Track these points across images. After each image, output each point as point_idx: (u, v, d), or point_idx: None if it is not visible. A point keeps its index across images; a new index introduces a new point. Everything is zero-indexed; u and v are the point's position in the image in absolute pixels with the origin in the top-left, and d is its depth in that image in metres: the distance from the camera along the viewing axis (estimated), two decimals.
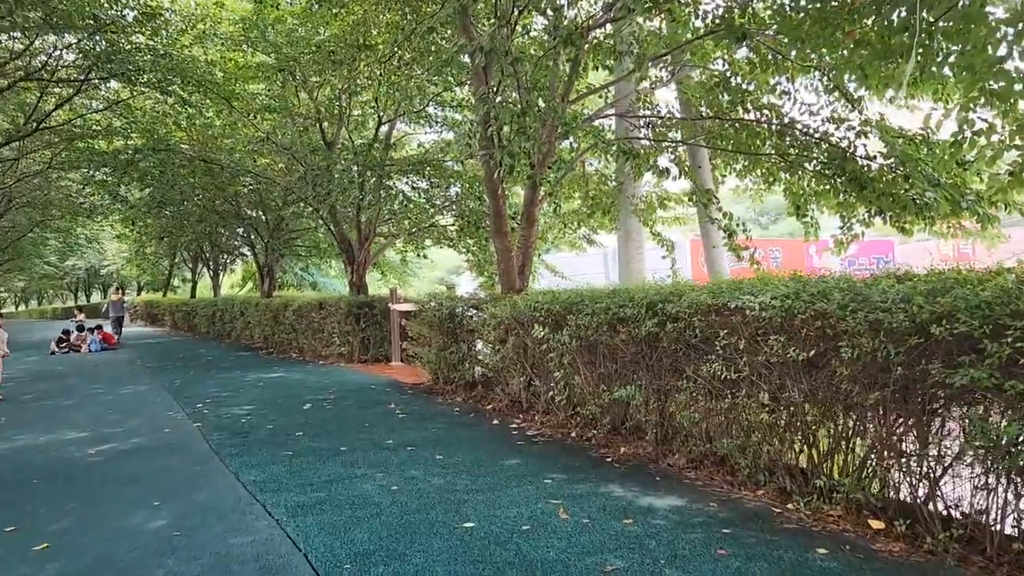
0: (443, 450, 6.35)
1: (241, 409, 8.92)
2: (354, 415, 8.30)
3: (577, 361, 7.00)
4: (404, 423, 7.75)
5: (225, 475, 5.72)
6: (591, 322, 6.56)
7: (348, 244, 16.05)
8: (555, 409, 7.50)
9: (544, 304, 7.39)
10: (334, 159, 13.91)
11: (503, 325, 8.29)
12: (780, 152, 9.17)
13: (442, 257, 28.20)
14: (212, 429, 7.66)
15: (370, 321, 14.42)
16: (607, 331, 6.45)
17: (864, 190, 8.50)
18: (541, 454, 6.16)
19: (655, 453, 5.93)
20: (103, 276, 47.19)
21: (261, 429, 7.57)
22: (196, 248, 28.48)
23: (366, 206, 14.19)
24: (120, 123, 19.14)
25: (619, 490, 4.98)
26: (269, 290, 21.69)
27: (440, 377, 10.32)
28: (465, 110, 15.00)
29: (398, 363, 13.79)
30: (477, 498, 4.86)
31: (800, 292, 4.52)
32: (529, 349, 7.89)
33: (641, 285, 6.59)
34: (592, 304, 6.62)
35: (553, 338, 7.23)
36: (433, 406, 8.86)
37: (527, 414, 8.05)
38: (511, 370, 8.35)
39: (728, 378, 5.05)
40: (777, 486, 4.85)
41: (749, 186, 12.12)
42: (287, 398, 9.71)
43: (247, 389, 10.77)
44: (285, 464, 6.00)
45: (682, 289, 5.77)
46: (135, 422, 8.35)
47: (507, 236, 9.15)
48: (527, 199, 9.27)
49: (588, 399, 6.84)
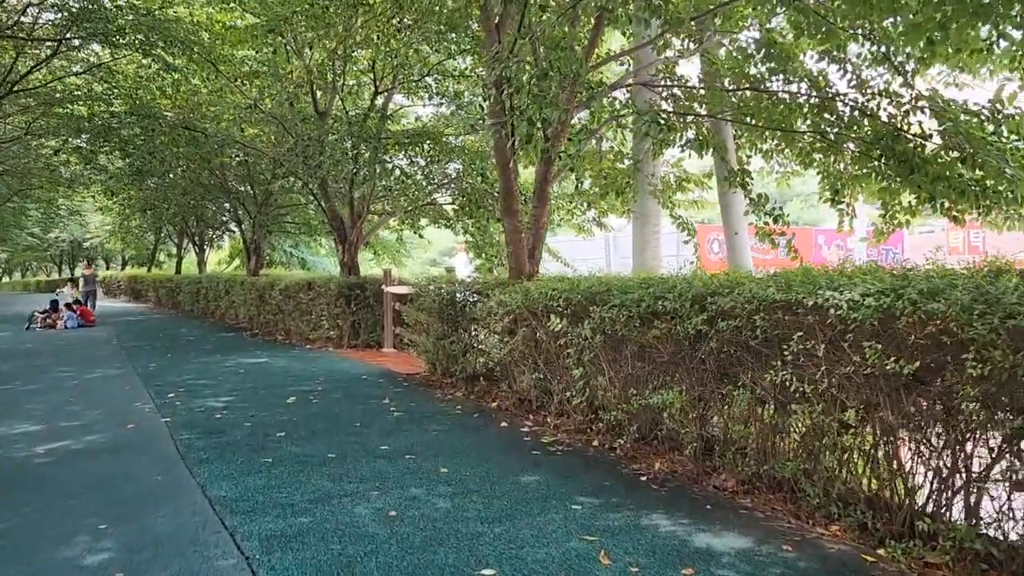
0: (447, 460, 5.48)
1: (217, 401, 8.02)
2: (344, 412, 7.41)
3: (600, 359, 6.13)
4: (401, 423, 6.87)
5: (190, 488, 4.83)
6: (619, 315, 5.69)
7: (340, 221, 15.09)
8: (571, 411, 6.64)
9: (562, 293, 6.51)
10: (327, 129, 12.90)
11: (512, 314, 7.41)
12: (818, 129, 8.29)
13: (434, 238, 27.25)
14: (182, 426, 6.76)
15: (362, 304, 13.51)
16: (639, 326, 5.57)
17: (913, 174, 7.64)
18: (562, 468, 5.29)
19: (696, 471, 5.08)
20: (87, 249, 45.89)
21: (238, 427, 6.67)
22: (181, 222, 27.37)
23: (360, 181, 13.22)
24: (101, 88, 18.10)
25: (665, 522, 4.12)
26: (256, 268, 20.68)
27: (438, 368, 9.44)
28: (468, 81, 14.02)
29: (390, 350, 12.91)
30: (494, 531, 3.99)
31: (902, 289, 3.65)
32: (543, 343, 7.01)
33: (682, 274, 5.70)
34: (621, 294, 5.74)
35: (572, 332, 6.35)
36: (431, 402, 7.98)
37: (538, 415, 7.18)
38: (520, 365, 7.47)
39: (799, 390, 4.18)
40: (855, 521, 4.00)
41: (775, 168, 11.22)
42: (269, 389, 8.81)
43: (226, 376, 9.86)
44: (263, 475, 5.11)
45: (736, 280, 4.89)
46: (97, 414, 7.44)
47: (517, 215, 8.24)
48: (540, 175, 8.35)
49: (613, 403, 5.97)
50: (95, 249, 45.17)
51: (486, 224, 14.64)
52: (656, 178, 10.32)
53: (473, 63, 13.51)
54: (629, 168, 10.54)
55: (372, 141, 12.07)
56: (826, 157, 8.85)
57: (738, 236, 10.85)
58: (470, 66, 13.52)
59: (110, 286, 42.80)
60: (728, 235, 10.97)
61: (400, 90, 15.61)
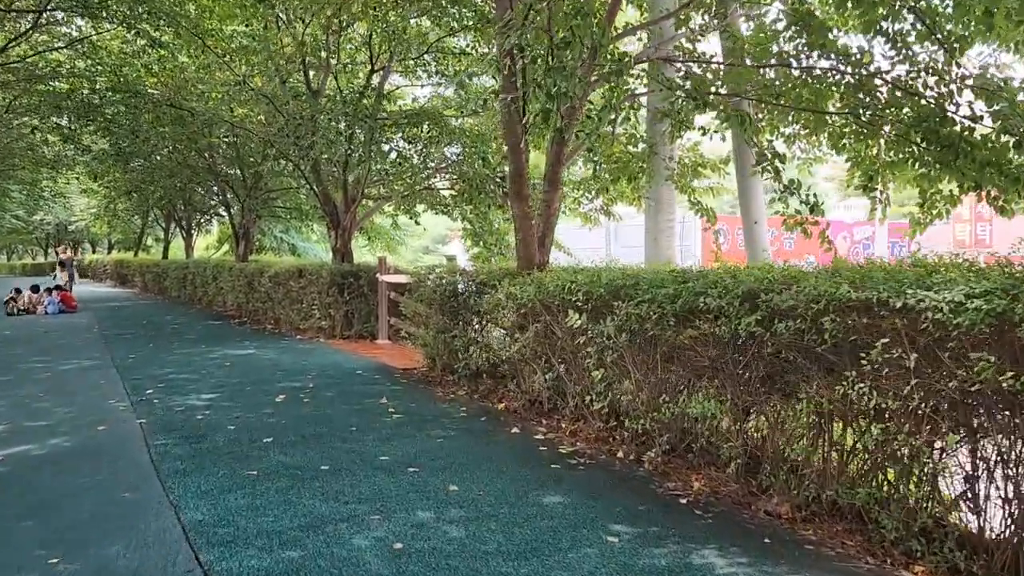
0: (456, 474, 4.84)
1: (199, 399, 7.35)
2: (338, 413, 6.76)
3: (626, 360, 5.50)
4: (401, 427, 6.22)
5: (162, 509, 4.17)
6: (649, 312, 5.05)
7: (332, 206, 14.37)
8: (589, 416, 6.01)
9: (582, 285, 5.86)
10: (319, 108, 12.16)
11: (524, 308, 6.76)
12: (852, 110, 7.65)
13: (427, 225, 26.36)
14: (159, 428, 6.09)
15: (355, 293, 12.82)
16: (673, 325, 4.94)
17: (958, 159, 7.02)
18: (587, 486, 4.66)
19: (741, 492, 4.46)
20: (72, 232, 44.93)
21: (220, 431, 6.01)
22: (168, 206, 26.55)
23: (354, 163, 12.52)
24: (84, 64, 17.28)
25: (720, 561, 3.49)
26: (244, 254, 19.93)
27: (438, 363, 8.80)
28: (470, 60, 13.30)
29: (385, 341, 12.25)
30: (520, 571, 3.35)
31: (1017, 290, 3.03)
32: (558, 340, 6.37)
33: (728, 266, 5.06)
34: (652, 288, 5.10)
35: (593, 329, 5.71)
36: (432, 402, 7.34)
37: (550, 418, 6.55)
38: (531, 364, 6.83)
39: (879, 406, 3.56)
40: (944, 562, 3.39)
41: (796, 154, 10.57)
42: (257, 384, 8.14)
43: (211, 370, 9.18)
44: (246, 492, 4.46)
45: (794, 275, 4.25)
46: (66, 412, 6.76)
47: (527, 200, 7.58)
48: (552, 156, 7.68)
49: (640, 410, 5.35)
50: (80, 232, 44.22)
51: (487, 211, 13.98)
52: (674, 162, 9.67)
53: (474, 40, 12.79)
54: (643, 152, 9.89)
55: (368, 121, 11.35)
56: (858, 141, 8.22)
57: (757, 226, 10.24)
58: (472, 43, 12.79)
59: (96, 270, 41.95)
60: (746, 224, 10.34)
61: (397, 68, 14.89)
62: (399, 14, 11.43)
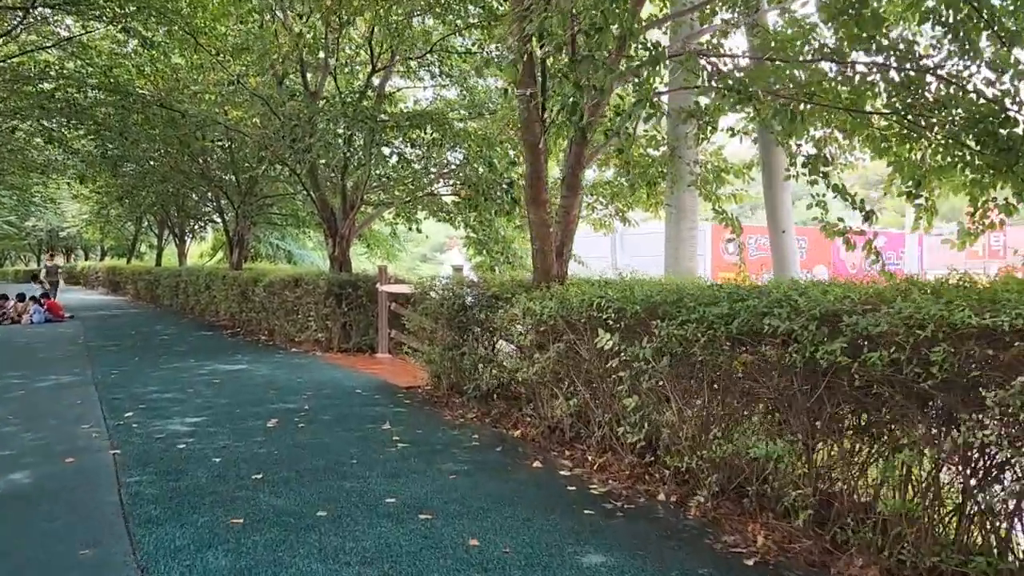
0: (475, 522, 4.15)
1: (183, 423, 6.65)
2: (336, 441, 6.07)
3: (666, 387, 4.82)
4: (407, 459, 5.53)
5: (127, 574, 3.47)
6: (696, 333, 4.38)
7: (330, 213, 13.69)
8: (620, 449, 5.33)
9: (614, 301, 5.19)
10: (317, 109, 11.48)
11: (544, 326, 6.07)
12: (897, 111, 7.00)
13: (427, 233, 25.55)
14: (133, 461, 5.38)
15: (354, 304, 12.13)
16: (727, 349, 4.27)
17: (1019, 163, 6.38)
18: (630, 539, 3.96)
19: (815, 549, 3.77)
20: (65, 239, 44.16)
21: (203, 464, 5.31)
22: (161, 212, 25.82)
23: (354, 167, 11.84)
24: (74, 65, 16.59)
25: None
26: (238, 261, 19.22)
27: (444, 382, 8.11)
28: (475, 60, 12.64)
29: (385, 355, 11.57)
30: None
31: None
32: (584, 362, 5.69)
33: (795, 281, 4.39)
34: (700, 307, 4.43)
35: (627, 351, 5.04)
36: (440, 427, 6.65)
37: (573, 449, 5.87)
38: (552, 387, 6.15)
39: (1012, 460, 2.88)
40: None
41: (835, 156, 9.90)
42: (247, 407, 7.44)
43: (199, 388, 8.47)
44: (229, 548, 3.76)
45: (883, 293, 3.58)
46: (33, 440, 6.06)
47: (546, 206, 6.91)
48: (572, 159, 7.01)
49: (683, 446, 4.67)
50: (73, 239, 43.47)
51: (491, 218, 13.30)
52: (698, 166, 9.02)
53: (481, 37, 12.13)
54: (664, 156, 9.24)
55: (368, 122, 10.68)
56: (900, 145, 7.56)
57: (785, 235, 9.56)
58: (478, 41, 12.13)
59: (88, 277, 41.22)
60: (773, 234, 9.65)
61: (399, 70, 14.25)
62: (402, 8, 10.77)
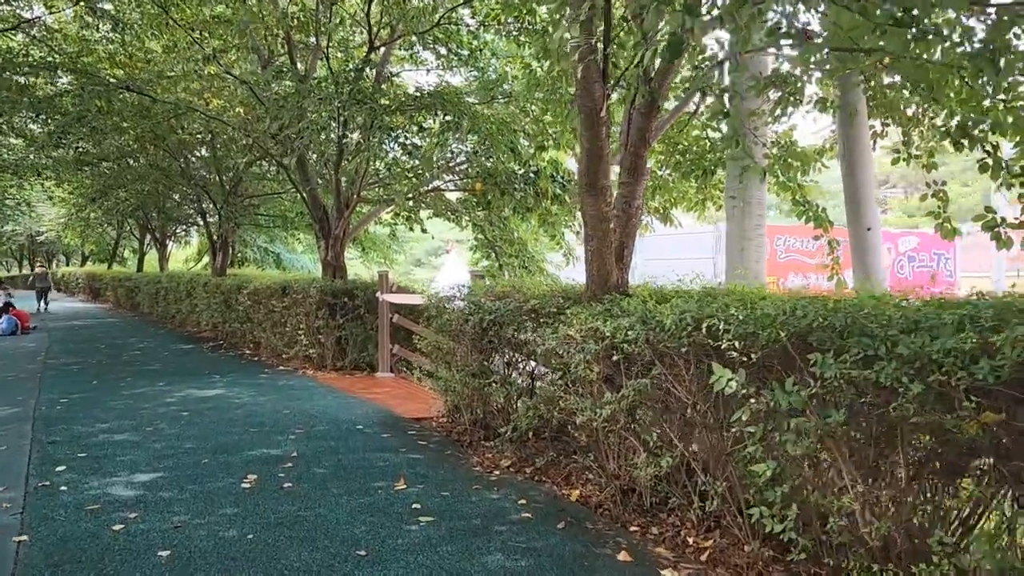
0: None
1: (129, 484, 4.99)
2: (335, 513, 4.43)
3: (836, 454, 3.22)
4: (437, 546, 3.90)
5: None
6: (892, 377, 2.79)
7: (323, 212, 12.05)
8: (734, 527, 3.74)
9: (738, 323, 3.58)
10: (307, 89, 9.82)
11: (618, 353, 4.46)
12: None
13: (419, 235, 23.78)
14: (42, 560, 3.73)
15: (350, 315, 10.50)
16: (959, 406, 2.68)
17: None
18: None
19: None
20: (42, 244, 42.29)
21: (142, 565, 3.67)
22: (141, 215, 24.09)
23: (350, 156, 10.19)
24: (40, 53, 14.89)
25: None
26: (222, 267, 17.54)
27: (464, 413, 6.51)
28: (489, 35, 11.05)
29: (387, 374, 9.95)
30: None
31: None
32: (686, 407, 4.08)
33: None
34: (898, 336, 2.83)
35: (760, 399, 3.44)
36: (472, 485, 5.03)
37: (659, 521, 4.27)
38: (630, 437, 4.53)
39: None
40: None
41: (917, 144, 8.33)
42: (218, 454, 5.79)
43: (160, 426, 6.82)
44: None
45: None
46: None
47: (606, 194, 5.29)
48: (635, 135, 5.42)
49: (872, 544, 3.06)
50: (52, 244, 41.64)
51: (507, 216, 11.70)
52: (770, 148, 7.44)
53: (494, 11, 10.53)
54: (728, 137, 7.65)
55: (368, 102, 9.05)
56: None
57: (871, 233, 7.95)
58: (492, 12, 10.50)
59: (68, 283, 39.53)
60: (855, 233, 8.04)
61: (399, 49, 12.64)
62: None
